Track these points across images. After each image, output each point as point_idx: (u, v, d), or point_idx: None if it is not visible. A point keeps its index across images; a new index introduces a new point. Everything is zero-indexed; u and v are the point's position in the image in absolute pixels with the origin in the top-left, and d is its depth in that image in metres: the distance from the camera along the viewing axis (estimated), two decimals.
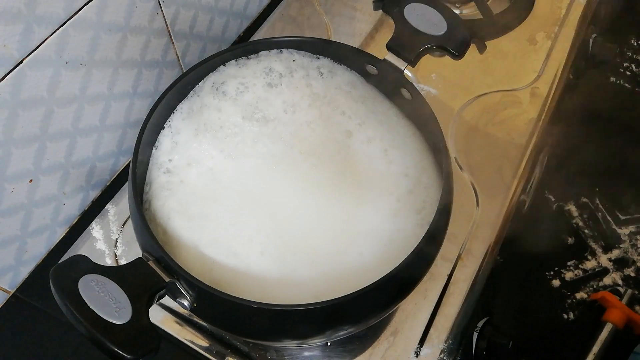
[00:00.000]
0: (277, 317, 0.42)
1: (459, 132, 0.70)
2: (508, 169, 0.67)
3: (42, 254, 0.62)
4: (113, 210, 0.65)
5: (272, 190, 0.50)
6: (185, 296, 0.42)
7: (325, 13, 0.81)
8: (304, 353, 0.57)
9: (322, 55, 0.56)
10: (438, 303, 0.58)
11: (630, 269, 0.80)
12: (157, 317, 0.58)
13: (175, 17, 0.65)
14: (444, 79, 0.75)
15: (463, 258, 0.61)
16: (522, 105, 0.73)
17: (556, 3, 0.83)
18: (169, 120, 0.53)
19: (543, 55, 0.77)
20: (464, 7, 0.82)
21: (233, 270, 0.46)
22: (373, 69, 0.55)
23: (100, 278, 0.38)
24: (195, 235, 0.47)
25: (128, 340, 0.36)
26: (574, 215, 0.82)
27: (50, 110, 0.54)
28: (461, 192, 0.65)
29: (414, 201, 0.50)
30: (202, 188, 0.50)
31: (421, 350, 0.56)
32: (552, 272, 0.78)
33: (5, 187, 0.54)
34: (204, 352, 0.56)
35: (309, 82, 0.54)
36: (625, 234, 0.83)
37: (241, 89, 0.52)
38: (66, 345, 0.58)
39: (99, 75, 0.58)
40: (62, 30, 0.51)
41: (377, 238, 0.48)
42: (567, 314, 0.76)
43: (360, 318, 0.45)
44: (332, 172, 0.51)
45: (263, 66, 0.53)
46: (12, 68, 0.48)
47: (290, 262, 0.47)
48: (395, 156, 0.52)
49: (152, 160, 0.51)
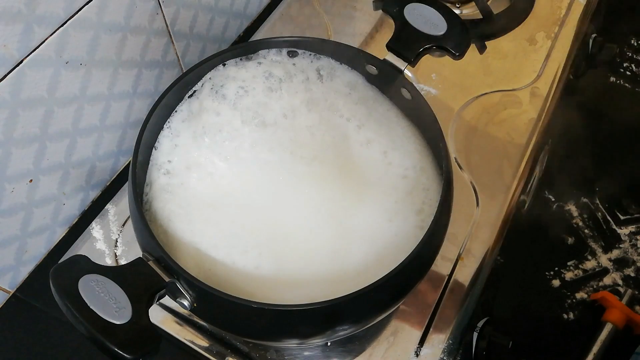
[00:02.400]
0: (277, 317, 0.42)
1: (459, 132, 0.70)
2: (508, 169, 0.67)
3: (42, 254, 0.62)
4: (113, 210, 0.65)
5: (272, 194, 0.50)
6: (185, 296, 0.42)
7: (325, 13, 0.81)
8: (304, 353, 0.57)
9: (322, 55, 0.56)
10: (438, 303, 0.58)
11: (630, 269, 0.80)
12: (157, 317, 0.58)
13: (175, 17, 0.65)
14: (444, 79, 0.75)
15: (463, 258, 0.61)
16: (522, 105, 0.73)
17: (556, 3, 0.83)
18: (169, 120, 0.53)
19: (543, 55, 0.77)
20: (464, 7, 0.82)
21: (233, 271, 0.46)
22: (373, 69, 0.55)
23: (100, 278, 0.38)
24: (195, 238, 0.47)
25: (128, 340, 0.36)
26: (574, 215, 0.82)
27: (50, 110, 0.54)
28: (461, 192, 0.65)
29: (414, 202, 0.50)
30: (202, 192, 0.50)
31: (421, 350, 0.56)
32: (552, 272, 0.78)
33: (5, 187, 0.54)
34: (204, 352, 0.56)
35: (309, 86, 0.54)
36: (625, 234, 0.83)
37: (241, 93, 0.52)
38: (66, 345, 0.58)
39: (99, 75, 0.58)
40: (62, 30, 0.51)
41: (377, 239, 0.48)
42: (567, 314, 0.76)
43: (360, 318, 0.45)
44: (332, 176, 0.51)
45: (263, 70, 0.53)
46: (12, 68, 0.48)
47: (290, 264, 0.47)
48: (394, 157, 0.52)
49: (152, 160, 0.51)
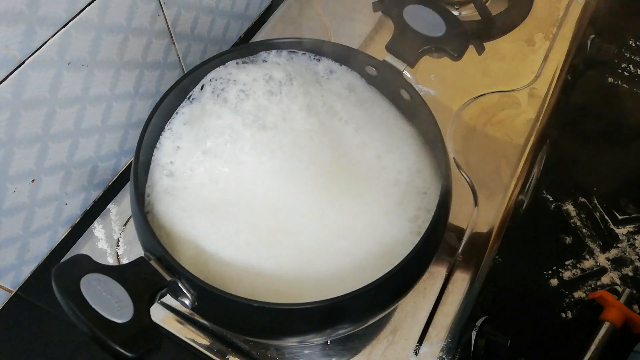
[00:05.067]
0: (277, 316, 0.42)
1: (458, 132, 0.70)
2: (506, 169, 0.67)
3: (44, 254, 0.63)
4: (115, 210, 0.65)
5: (272, 197, 0.50)
6: (187, 295, 0.42)
7: (325, 15, 0.82)
8: (304, 351, 0.57)
9: (322, 56, 0.57)
10: (437, 302, 0.58)
11: (628, 269, 0.81)
12: (158, 315, 0.58)
13: (176, 19, 0.66)
14: (442, 79, 0.75)
15: (461, 257, 0.61)
16: (521, 105, 0.73)
17: (554, 4, 0.83)
18: (170, 122, 0.53)
19: (541, 56, 0.78)
20: (463, 8, 0.83)
21: (234, 270, 0.47)
22: (372, 70, 0.55)
23: (102, 277, 0.38)
24: (197, 239, 0.48)
25: (130, 339, 0.36)
26: (572, 214, 0.82)
27: (53, 110, 0.55)
28: (460, 192, 0.65)
29: (413, 201, 0.50)
30: (204, 195, 0.50)
31: (420, 348, 0.56)
32: (550, 271, 0.79)
33: (8, 187, 0.54)
34: (205, 350, 0.57)
35: (308, 89, 0.54)
36: (623, 234, 0.83)
37: (242, 97, 0.53)
38: (68, 344, 0.58)
39: (101, 76, 0.58)
40: (64, 31, 0.52)
41: (376, 239, 0.48)
42: (565, 313, 0.77)
43: (359, 317, 0.45)
44: (330, 179, 0.51)
45: (263, 73, 0.54)
46: (14, 69, 0.49)
47: (290, 264, 0.47)
48: (393, 159, 0.53)
49: (154, 161, 0.51)
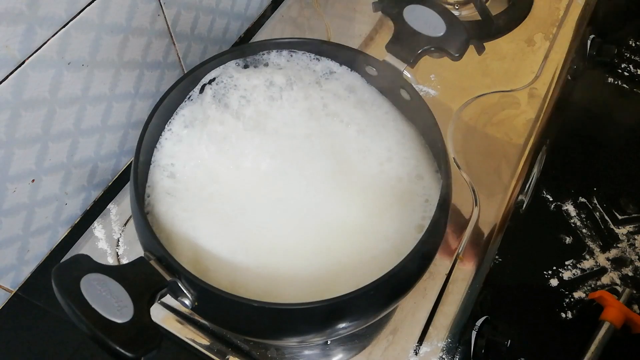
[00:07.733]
0: (277, 316, 0.42)
1: (458, 132, 0.70)
2: (506, 169, 0.68)
3: (44, 254, 0.63)
4: (115, 210, 0.65)
5: (273, 200, 0.50)
6: (187, 295, 0.42)
7: (325, 15, 0.82)
8: (304, 351, 0.57)
9: (322, 56, 0.57)
10: (437, 302, 0.58)
11: (628, 269, 0.81)
12: (158, 315, 0.58)
13: (176, 19, 0.66)
14: (442, 79, 0.75)
15: (462, 257, 0.61)
16: (521, 105, 0.73)
17: (554, 4, 0.83)
18: (171, 122, 0.53)
19: (541, 56, 0.78)
20: (463, 8, 0.83)
21: (234, 270, 0.47)
22: (372, 70, 0.55)
23: (102, 277, 0.38)
24: (197, 240, 0.48)
25: (130, 339, 0.36)
26: (571, 214, 0.82)
27: (53, 110, 0.55)
28: (460, 192, 0.65)
29: (413, 201, 0.51)
30: (205, 197, 0.50)
31: (420, 348, 0.56)
32: (550, 271, 0.78)
33: (8, 187, 0.54)
34: (205, 350, 0.57)
35: (308, 92, 0.55)
36: (623, 234, 0.83)
37: (243, 102, 0.53)
38: (68, 344, 0.58)
39: (101, 76, 0.59)
40: (64, 31, 0.52)
41: (377, 240, 0.49)
42: (565, 313, 0.76)
43: (359, 317, 0.45)
44: (331, 182, 0.51)
45: (264, 79, 0.54)
46: (14, 69, 0.49)
47: (291, 264, 0.47)
48: (394, 159, 0.53)
49: (154, 161, 0.52)
